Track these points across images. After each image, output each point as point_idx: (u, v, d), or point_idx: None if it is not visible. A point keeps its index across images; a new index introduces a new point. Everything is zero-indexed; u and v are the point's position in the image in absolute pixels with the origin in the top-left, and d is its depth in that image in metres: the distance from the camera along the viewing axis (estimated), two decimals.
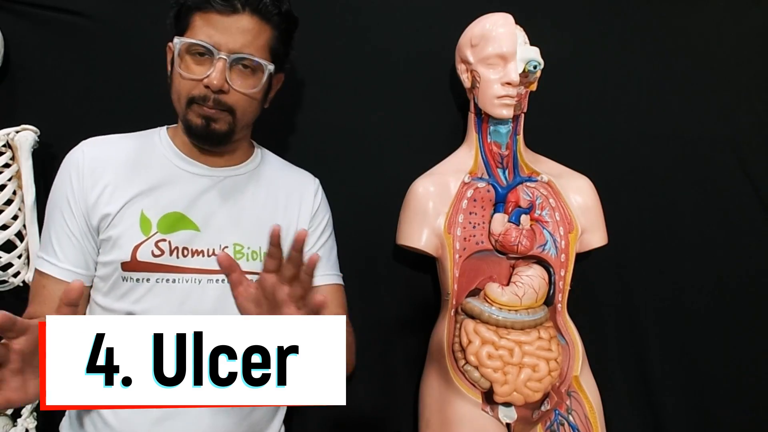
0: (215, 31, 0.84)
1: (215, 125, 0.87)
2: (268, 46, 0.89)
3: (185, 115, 0.88)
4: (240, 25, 0.85)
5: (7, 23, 1.15)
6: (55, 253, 0.87)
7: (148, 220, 0.87)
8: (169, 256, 0.87)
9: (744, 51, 1.29)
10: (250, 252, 0.92)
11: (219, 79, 0.84)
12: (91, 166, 0.88)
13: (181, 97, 0.87)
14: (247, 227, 0.93)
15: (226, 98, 0.86)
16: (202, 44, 0.84)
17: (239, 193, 0.95)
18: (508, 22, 1.04)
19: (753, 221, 1.28)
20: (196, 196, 0.91)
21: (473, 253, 1.07)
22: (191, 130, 0.89)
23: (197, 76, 0.85)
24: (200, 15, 0.85)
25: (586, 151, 1.25)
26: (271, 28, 0.89)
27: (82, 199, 0.87)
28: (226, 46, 0.84)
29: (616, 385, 1.23)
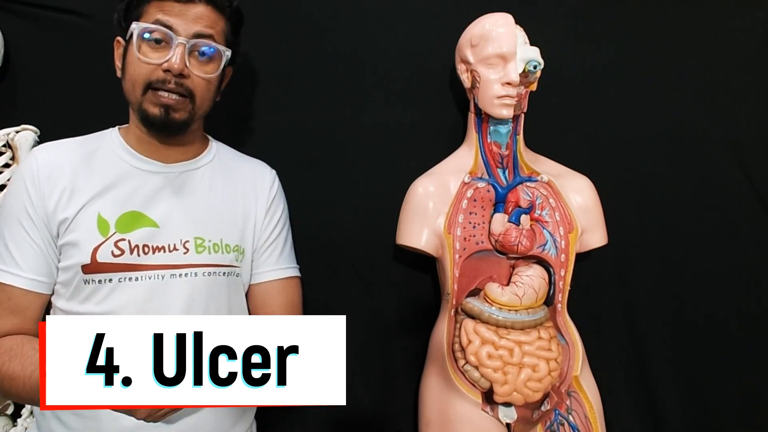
0: (172, 17, 0.85)
1: (175, 114, 0.88)
2: (223, 35, 0.91)
3: (141, 104, 0.87)
4: (196, 12, 0.87)
5: (7, 23, 1.15)
6: (16, 264, 0.85)
7: (106, 221, 0.87)
8: (130, 254, 0.87)
9: (744, 51, 1.29)
10: (211, 245, 0.92)
11: (179, 63, 0.85)
12: (47, 172, 0.87)
13: (137, 84, 0.87)
14: (206, 220, 0.93)
15: (186, 82, 0.87)
16: (161, 28, 0.85)
17: (196, 186, 0.95)
18: (508, 22, 1.04)
19: (753, 221, 1.28)
20: (152, 193, 0.91)
21: (473, 253, 1.07)
22: (148, 120, 0.88)
23: (156, 60, 0.85)
24: (155, 3, 0.86)
25: (586, 151, 1.25)
26: (225, 19, 0.91)
27: (42, 207, 0.86)
28: (184, 31, 0.86)
29: (616, 385, 1.22)
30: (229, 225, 0.96)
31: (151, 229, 0.89)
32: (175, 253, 0.89)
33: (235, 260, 0.95)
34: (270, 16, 1.22)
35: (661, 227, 1.27)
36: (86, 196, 0.87)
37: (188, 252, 0.90)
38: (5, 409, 1.11)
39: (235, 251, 0.95)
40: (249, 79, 1.21)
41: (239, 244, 0.96)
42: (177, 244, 0.90)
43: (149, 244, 0.88)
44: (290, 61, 1.23)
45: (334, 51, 1.24)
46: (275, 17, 1.22)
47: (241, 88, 1.17)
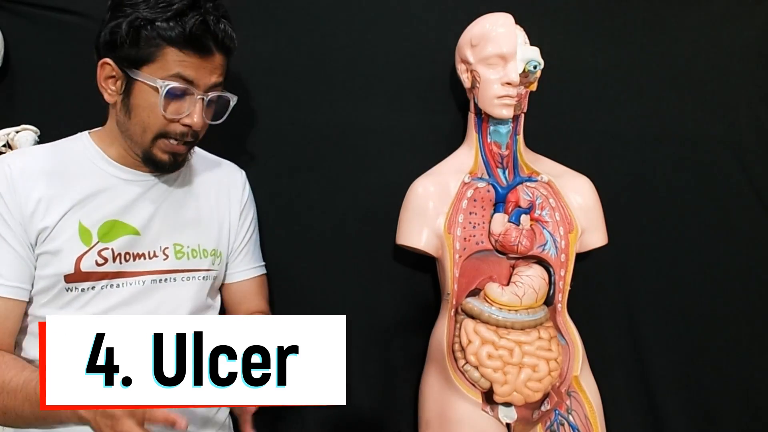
0: (192, 71, 0.84)
1: (180, 158, 0.91)
2: (225, 71, 0.92)
3: (149, 149, 0.88)
4: (214, 63, 0.87)
5: (7, 23, 1.15)
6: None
7: (88, 230, 0.87)
8: (113, 263, 0.87)
9: (744, 51, 1.29)
10: (189, 251, 0.95)
11: (200, 119, 0.87)
12: (21, 179, 0.85)
13: (148, 131, 0.87)
14: (183, 227, 0.95)
15: (198, 129, 0.89)
16: (185, 87, 0.84)
17: (173, 194, 0.96)
18: (508, 22, 1.04)
19: (753, 221, 1.28)
20: (131, 202, 0.91)
21: (473, 253, 1.07)
22: (155, 164, 0.90)
23: (174, 115, 0.86)
24: (173, 52, 0.83)
25: (586, 151, 1.25)
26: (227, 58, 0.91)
27: (18, 212, 0.83)
28: (203, 85, 0.86)
29: (616, 385, 1.22)
30: (205, 230, 0.98)
31: (132, 236, 0.90)
32: (156, 260, 0.91)
33: (212, 264, 0.98)
34: (269, 16, 1.22)
35: (661, 227, 1.27)
36: (65, 205, 0.86)
37: (168, 258, 0.92)
38: None
39: (212, 255, 0.98)
40: (249, 79, 1.21)
41: (216, 248, 0.99)
42: (157, 251, 0.92)
43: (130, 251, 0.89)
44: (290, 61, 1.23)
45: (333, 51, 1.24)
46: (275, 17, 1.22)
47: (241, 89, 1.17)
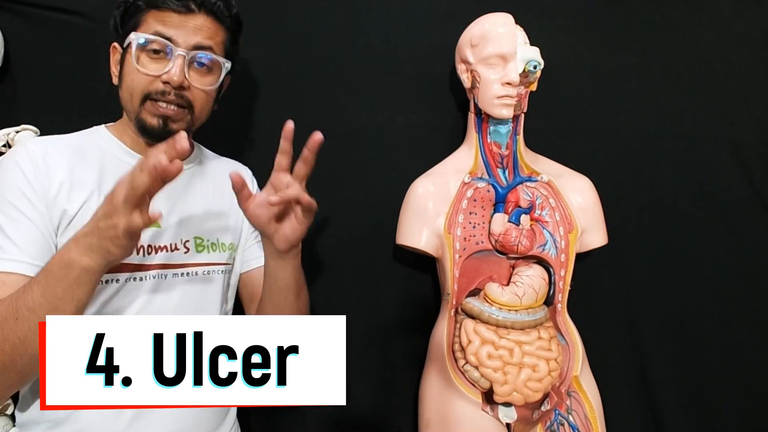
0: (172, 29, 0.85)
1: (173, 125, 0.87)
2: (223, 46, 0.91)
3: (138, 114, 0.87)
4: (196, 23, 0.86)
5: (7, 23, 1.15)
6: (16, 247, 0.78)
7: None
8: (136, 255, 0.86)
9: (744, 51, 1.29)
10: (209, 244, 0.95)
11: (179, 75, 0.84)
12: (45, 160, 0.84)
13: (135, 94, 0.86)
14: (202, 221, 0.95)
15: (186, 94, 0.87)
16: (161, 39, 0.84)
17: (189, 189, 0.96)
18: (508, 22, 1.04)
19: (753, 221, 1.28)
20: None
21: (473, 253, 1.07)
22: (146, 130, 0.88)
23: (154, 72, 0.85)
24: (153, 13, 0.86)
25: (586, 151, 1.25)
26: (224, 30, 0.91)
27: (42, 192, 0.82)
28: (184, 42, 0.85)
29: (616, 385, 1.22)
30: (222, 224, 0.98)
31: (154, 229, 0.89)
32: (177, 253, 0.90)
33: (230, 258, 0.98)
34: (269, 16, 1.22)
35: (661, 227, 1.27)
36: (86, 193, 0.85)
37: (189, 251, 0.92)
38: (5, 409, 1.11)
39: (229, 249, 0.98)
40: (249, 80, 1.21)
41: (232, 242, 0.99)
42: (178, 243, 0.91)
43: (153, 244, 0.89)
44: (290, 61, 1.23)
45: (333, 51, 1.24)
46: (274, 18, 1.22)
47: (241, 89, 1.17)
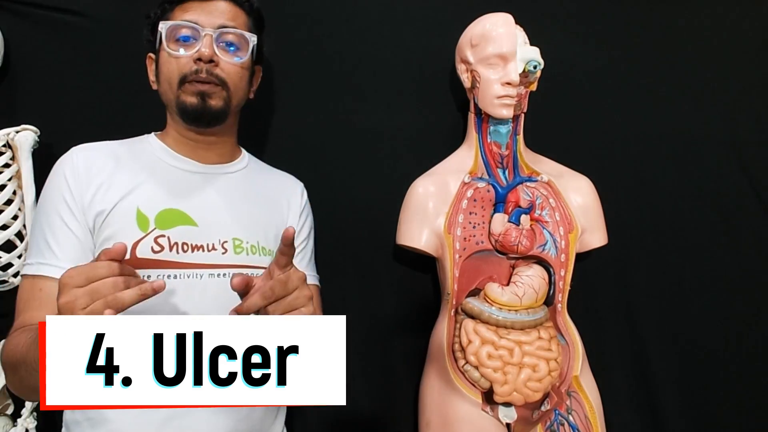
0: (196, 14, 0.90)
1: (211, 101, 0.90)
2: (247, 27, 0.95)
3: (178, 98, 0.90)
4: (218, 7, 0.92)
5: (7, 23, 1.15)
6: (54, 255, 0.84)
7: (145, 216, 0.86)
8: (169, 251, 0.86)
9: (744, 51, 1.29)
10: (249, 246, 0.93)
11: (209, 50, 0.88)
12: (86, 165, 0.88)
13: (173, 79, 0.90)
14: (243, 222, 0.94)
15: (218, 71, 0.90)
16: (188, 23, 0.89)
17: (233, 189, 0.96)
18: (508, 22, 1.04)
19: (753, 221, 1.28)
20: (190, 192, 0.91)
21: (473, 253, 1.07)
22: (186, 111, 0.90)
23: (187, 54, 0.89)
24: (178, 8, 0.91)
25: (586, 151, 1.25)
26: (245, 14, 0.96)
27: (80, 198, 0.86)
28: (209, 23, 0.90)
29: (616, 385, 1.22)
30: (264, 229, 0.96)
31: (190, 227, 0.89)
32: (214, 253, 0.89)
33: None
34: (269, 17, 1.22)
35: (661, 227, 1.27)
36: (123, 189, 0.87)
37: (227, 252, 0.90)
38: (5, 409, 1.11)
39: (270, 255, 0.95)
40: None
41: (273, 249, 0.96)
42: (216, 243, 0.90)
43: (188, 242, 0.88)
44: (290, 61, 1.23)
45: (333, 51, 1.24)
46: (274, 18, 1.22)
47: None
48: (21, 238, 1.10)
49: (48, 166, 1.09)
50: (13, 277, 1.10)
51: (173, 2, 0.92)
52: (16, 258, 1.09)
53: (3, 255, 1.08)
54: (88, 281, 0.65)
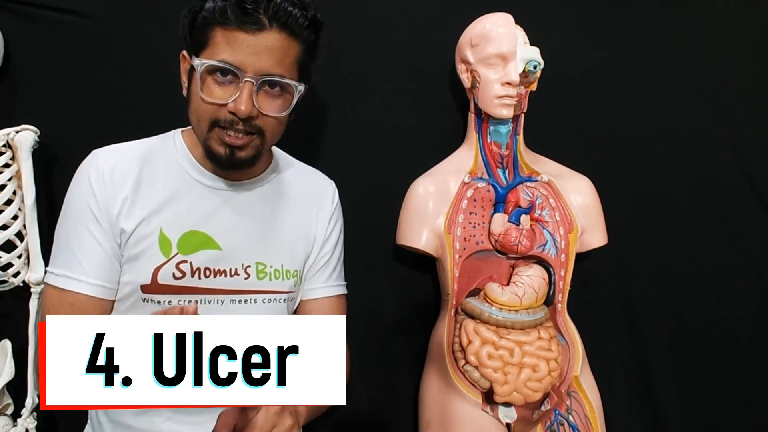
0: (240, 51, 0.76)
1: (240, 153, 0.82)
2: (297, 63, 0.82)
3: (206, 140, 0.82)
4: (267, 43, 0.77)
5: (7, 23, 1.15)
6: (82, 268, 0.81)
7: (168, 240, 0.83)
8: (191, 277, 0.83)
9: (744, 51, 1.29)
10: (273, 271, 0.90)
11: (247, 106, 0.77)
12: (112, 176, 0.83)
13: (202, 120, 0.81)
14: (268, 244, 0.90)
15: (256, 122, 0.80)
16: (227, 67, 0.77)
17: (259, 207, 0.91)
18: (508, 22, 1.04)
19: (753, 221, 1.28)
20: (216, 212, 0.87)
21: (473, 253, 1.07)
22: (213, 158, 0.83)
23: (221, 100, 0.78)
24: (222, 31, 0.77)
25: (586, 151, 1.25)
26: (300, 43, 0.81)
27: (106, 208, 0.82)
28: (252, 67, 0.77)
29: (616, 385, 1.23)
30: (289, 249, 0.92)
31: (214, 251, 0.86)
32: (237, 278, 0.87)
33: (294, 285, 0.93)
34: None
35: (661, 227, 1.27)
36: (147, 209, 0.83)
37: (249, 277, 0.88)
38: (5, 409, 1.11)
39: (294, 276, 0.92)
40: None
41: (298, 269, 0.93)
42: (239, 268, 0.87)
43: (211, 267, 0.85)
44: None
45: (333, 51, 1.23)
46: None
47: None
48: (21, 238, 1.10)
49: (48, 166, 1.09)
50: (13, 277, 1.10)
51: (217, 22, 0.77)
52: (16, 258, 1.09)
53: (3, 255, 1.07)
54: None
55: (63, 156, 1.13)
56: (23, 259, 1.10)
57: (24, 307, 1.07)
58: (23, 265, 1.10)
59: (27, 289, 1.09)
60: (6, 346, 1.10)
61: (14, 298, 1.13)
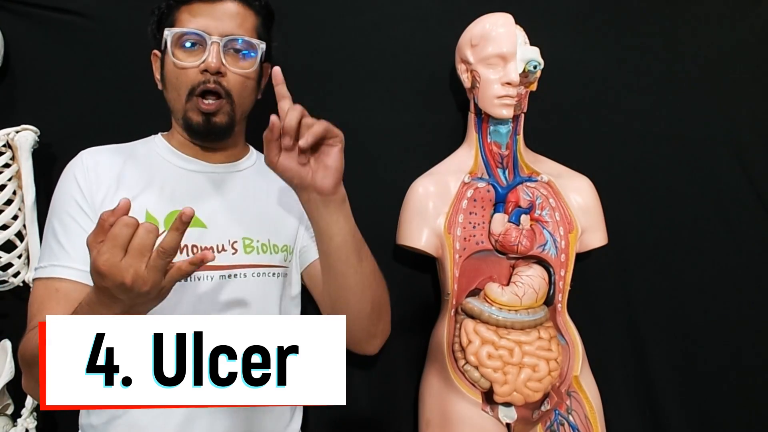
0: (203, 19, 0.87)
1: (215, 119, 0.88)
2: (256, 31, 0.92)
3: (185, 113, 0.88)
4: (226, 10, 0.88)
5: (7, 23, 1.15)
6: (68, 255, 0.83)
7: (154, 218, 0.86)
8: (179, 255, 0.85)
9: (744, 51, 1.29)
10: (259, 245, 0.92)
11: (217, 60, 0.85)
12: (95, 168, 0.88)
13: (181, 91, 0.88)
14: (252, 221, 0.93)
15: (225, 81, 0.87)
16: (193, 31, 0.86)
17: (241, 188, 0.95)
18: (508, 22, 1.04)
19: (753, 221, 1.27)
20: (197, 193, 0.91)
21: (473, 253, 1.07)
22: (191, 128, 0.89)
23: (193, 63, 0.86)
24: (185, 8, 0.88)
25: (586, 151, 1.24)
26: (255, 14, 0.92)
27: (91, 198, 0.85)
28: (216, 30, 0.86)
29: (616, 385, 1.22)
30: (275, 225, 0.96)
31: (200, 229, 0.88)
32: (224, 254, 0.89)
33: (284, 260, 0.95)
34: None
35: (661, 227, 1.27)
36: (131, 191, 0.87)
37: (237, 252, 0.90)
38: (5, 409, 1.11)
39: (283, 251, 0.95)
40: None
41: (287, 244, 0.96)
42: (225, 244, 0.89)
43: (198, 244, 0.87)
44: (289, 61, 1.23)
45: (333, 51, 1.24)
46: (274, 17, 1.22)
47: None
48: (21, 238, 1.10)
49: (48, 166, 1.09)
50: (13, 277, 1.10)
51: (179, 2, 0.89)
52: (16, 258, 1.09)
53: (3, 255, 1.08)
54: (118, 245, 0.62)
55: (63, 156, 1.12)
56: (23, 259, 1.10)
57: (24, 307, 1.07)
58: (23, 265, 1.11)
59: (27, 289, 1.09)
60: (6, 346, 1.10)
61: (14, 298, 1.13)
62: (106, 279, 0.64)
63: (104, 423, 0.85)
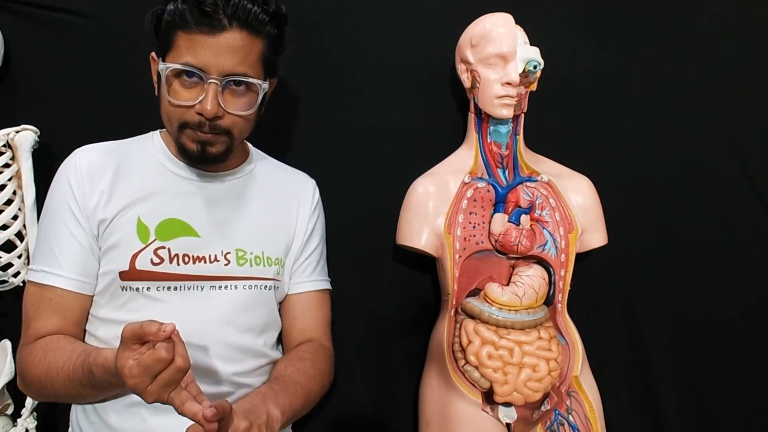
0: (203, 53, 0.78)
1: (211, 149, 0.84)
2: (261, 60, 0.84)
3: (178, 139, 0.85)
4: (229, 43, 0.79)
5: (7, 23, 1.15)
6: (59, 264, 0.83)
7: (146, 226, 0.85)
8: (169, 263, 0.85)
9: (744, 51, 1.29)
10: (253, 257, 0.91)
11: (213, 106, 0.79)
12: (89, 171, 0.86)
13: (172, 121, 0.84)
14: (247, 232, 0.91)
15: (222, 122, 0.83)
16: (190, 70, 0.79)
17: (237, 197, 0.93)
18: (508, 22, 1.04)
19: (753, 221, 1.28)
20: (192, 202, 0.89)
21: (473, 253, 1.07)
22: (186, 154, 0.86)
23: (188, 102, 0.81)
24: (184, 35, 0.79)
25: (586, 151, 1.25)
26: (262, 40, 0.83)
27: (84, 204, 0.85)
28: (216, 68, 0.79)
29: (616, 385, 1.22)
30: (270, 237, 0.94)
31: (193, 238, 0.87)
32: (216, 265, 0.88)
33: (276, 274, 0.94)
34: None
35: (661, 227, 1.27)
36: (125, 199, 0.85)
37: (229, 264, 0.89)
38: (5, 409, 1.11)
39: (276, 264, 0.93)
40: None
41: (280, 257, 0.94)
42: (218, 255, 0.88)
43: (189, 253, 0.86)
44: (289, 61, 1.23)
45: (333, 51, 1.24)
46: None
47: None
48: (21, 238, 1.10)
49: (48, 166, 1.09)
50: (13, 277, 1.10)
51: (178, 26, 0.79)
52: (16, 258, 1.09)
53: (3, 255, 1.07)
54: (149, 374, 0.65)
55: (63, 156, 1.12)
56: (23, 259, 1.10)
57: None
58: (23, 265, 1.10)
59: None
60: (6, 346, 1.10)
61: (14, 298, 1.13)
62: (128, 390, 0.66)
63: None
